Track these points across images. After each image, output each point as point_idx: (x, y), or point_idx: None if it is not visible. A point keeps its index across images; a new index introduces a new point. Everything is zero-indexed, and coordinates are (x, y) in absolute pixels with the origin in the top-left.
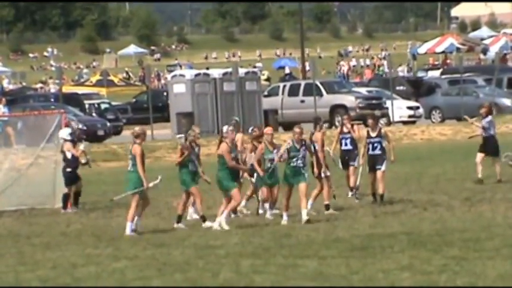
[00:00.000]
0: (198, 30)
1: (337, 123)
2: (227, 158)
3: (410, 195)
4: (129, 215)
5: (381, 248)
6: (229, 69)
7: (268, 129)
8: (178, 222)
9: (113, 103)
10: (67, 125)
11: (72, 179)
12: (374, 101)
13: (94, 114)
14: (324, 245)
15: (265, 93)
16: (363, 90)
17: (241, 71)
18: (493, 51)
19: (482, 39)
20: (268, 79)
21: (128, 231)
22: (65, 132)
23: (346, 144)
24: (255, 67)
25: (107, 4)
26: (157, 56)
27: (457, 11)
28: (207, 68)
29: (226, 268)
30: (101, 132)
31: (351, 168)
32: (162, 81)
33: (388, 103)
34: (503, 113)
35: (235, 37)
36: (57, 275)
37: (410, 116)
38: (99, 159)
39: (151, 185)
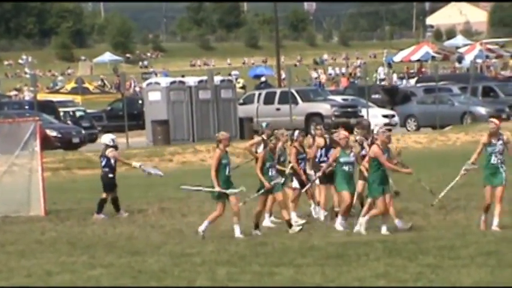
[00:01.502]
0: (173, 38)
1: (312, 132)
2: (381, 159)
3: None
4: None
5: (356, 256)
6: (205, 77)
7: (342, 133)
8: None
9: (88, 111)
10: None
11: (113, 185)
12: (349, 109)
13: (69, 122)
14: (300, 253)
15: (241, 101)
16: (339, 99)
17: (217, 79)
18: (468, 59)
19: (458, 47)
20: (243, 87)
21: (201, 228)
22: (107, 138)
23: (321, 156)
24: (229, 75)
25: (82, 12)
26: (144, 63)
27: (432, 19)
28: (183, 76)
29: (202, 276)
30: (75, 140)
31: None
32: (137, 89)
33: (364, 111)
34: (478, 122)
35: (211, 45)
36: (32, 283)
37: (385, 124)
38: (73, 167)
39: (228, 191)
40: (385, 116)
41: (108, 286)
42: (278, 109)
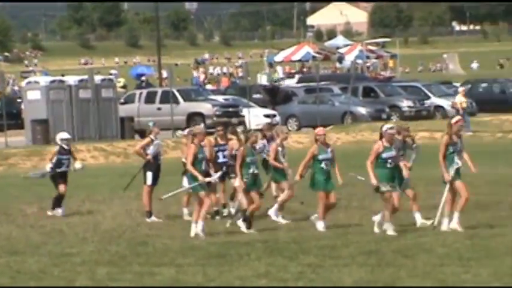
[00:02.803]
0: (53, 37)
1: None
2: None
3: (267, 202)
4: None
5: (237, 255)
6: (85, 77)
7: (320, 130)
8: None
9: None
10: None
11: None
12: (231, 109)
13: None
14: (181, 252)
15: (122, 100)
16: (220, 98)
17: (97, 78)
18: (348, 60)
19: (338, 48)
20: (124, 86)
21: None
22: (57, 137)
23: (224, 157)
24: (110, 74)
25: None
26: (34, 61)
27: (313, 19)
28: (62, 75)
29: (82, 276)
30: None
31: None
32: (16, 88)
33: (245, 111)
34: (358, 122)
35: (91, 44)
36: None
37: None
38: None
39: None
40: (266, 116)
41: None
42: (159, 109)
